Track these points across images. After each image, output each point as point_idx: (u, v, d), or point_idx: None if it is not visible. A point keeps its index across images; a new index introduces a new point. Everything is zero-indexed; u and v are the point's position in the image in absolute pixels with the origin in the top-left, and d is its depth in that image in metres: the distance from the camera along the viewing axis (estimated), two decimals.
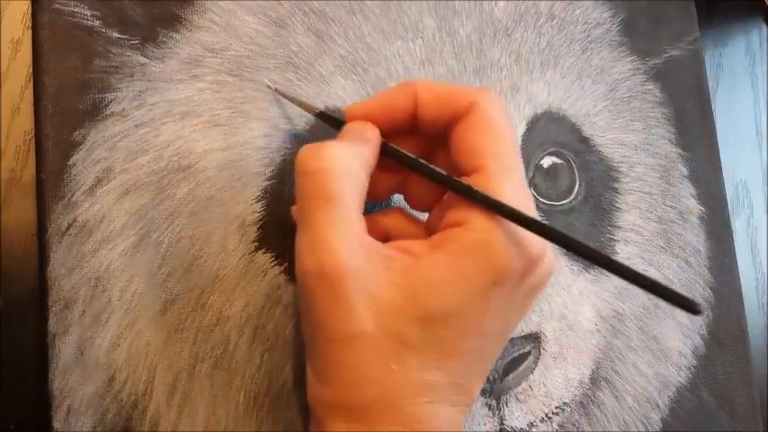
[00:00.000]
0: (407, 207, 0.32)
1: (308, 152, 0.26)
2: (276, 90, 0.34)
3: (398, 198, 0.35)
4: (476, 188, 0.26)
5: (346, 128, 0.29)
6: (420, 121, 0.28)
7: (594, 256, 0.25)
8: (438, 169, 0.27)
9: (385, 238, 0.30)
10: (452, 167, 0.27)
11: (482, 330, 0.26)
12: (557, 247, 0.26)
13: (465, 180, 0.27)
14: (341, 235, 0.25)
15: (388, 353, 0.25)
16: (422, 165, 0.28)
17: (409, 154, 0.28)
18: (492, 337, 0.26)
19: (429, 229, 0.30)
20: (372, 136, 0.28)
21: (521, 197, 0.26)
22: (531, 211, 0.26)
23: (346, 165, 0.26)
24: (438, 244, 0.26)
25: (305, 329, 0.27)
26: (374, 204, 0.34)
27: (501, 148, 0.27)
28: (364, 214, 0.27)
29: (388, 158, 0.28)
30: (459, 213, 0.26)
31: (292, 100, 0.33)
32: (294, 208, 0.32)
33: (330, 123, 0.31)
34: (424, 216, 0.31)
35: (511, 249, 0.25)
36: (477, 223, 0.25)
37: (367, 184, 0.27)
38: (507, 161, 0.27)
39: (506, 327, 0.27)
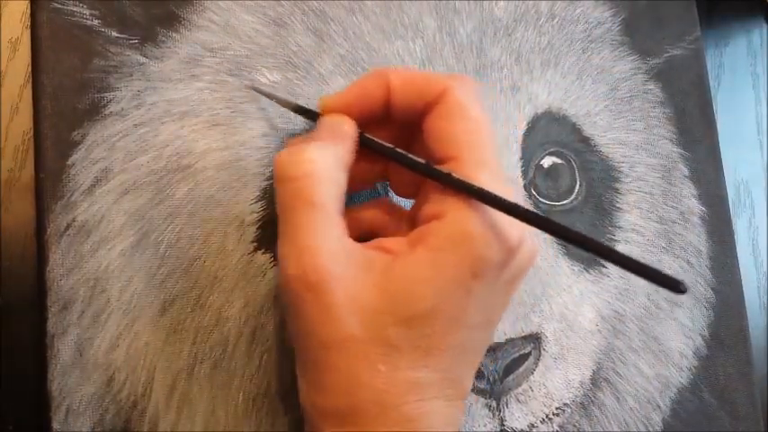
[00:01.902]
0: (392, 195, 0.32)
1: (286, 157, 0.26)
2: (253, 89, 0.34)
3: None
4: (455, 175, 0.25)
5: (322, 122, 0.28)
6: (393, 110, 0.28)
7: (572, 237, 0.25)
8: (415, 157, 0.27)
9: (365, 232, 0.30)
10: (429, 156, 0.27)
11: (466, 324, 0.26)
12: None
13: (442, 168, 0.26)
14: (323, 240, 0.25)
15: (375, 355, 0.24)
16: (398, 154, 0.27)
17: (385, 143, 0.28)
18: (477, 329, 0.26)
19: (412, 219, 0.30)
20: (349, 130, 0.28)
21: (497, 185, 0.25)
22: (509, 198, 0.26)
23: (325, 168, 0.26)
24: (416, 240, 0.26)
25: (291, 336, 0.27)
26: (360, 193, 0.34)
27: (473, 136, 0.26)
28: (345, 208, 0.27)
29: (366, 148, 0.28)
30: (436, 206, 0.26)
31: (269, 96, 0.33)
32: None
33: (307, 117, 0.31)
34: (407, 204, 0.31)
35: (489, 239, 0.25)
36: (454, 215, 0.25)
37: (345, 184, 0.27)
38: (480, 149, 0.26)
39: (490, 318, 0.27)
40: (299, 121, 0.34)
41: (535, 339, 0.36)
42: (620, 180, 0.38)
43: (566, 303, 0.36)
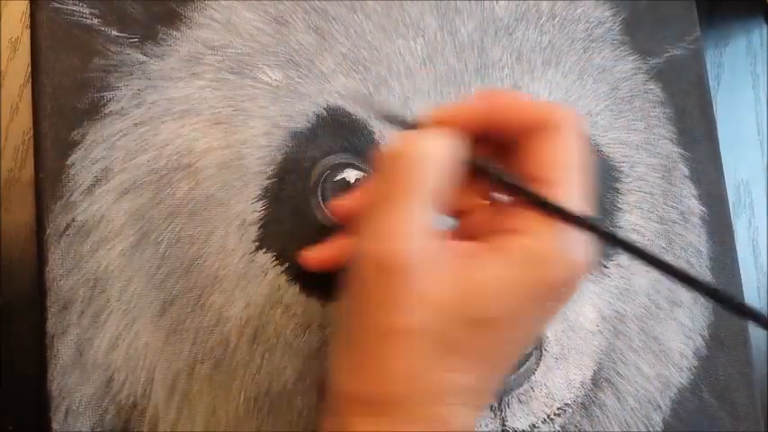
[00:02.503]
0: None
1: (405, 137, 0.26)
2: (375, 110, 0.33)
3: None
4: (569, 209, 0.25)
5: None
6: (494, 131, 0.28)
7: (666, 267, 0.24)
8: (534, 192, 0.26)
9: None
10: (520, 174, 0.27)
11: (519, 338, 0.26)
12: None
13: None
14: (409, 228, 0.24)
15: (431, 351, 0.24)
16: (515, 185, 0.27)
17: (496, 168, 0.27)
18: (522, 344, 0.27)
19: (465, 233, 0.29)
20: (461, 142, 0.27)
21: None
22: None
23: (437, 155, 0.25)
24: (496, 249, 0.25)
25: (343, 317, 0.26)
26: None
27: (570, 160, 0.26)
28: None
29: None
30: (519, 221, 0.26)
31: (388, 119, 0.30)
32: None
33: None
34: None
35: (565, 262, 0.25)
36: (539, 234, 0.25)
37: (451, 180, 0.26)
38: (575, 174, 0.26)
39: (534, 334, 0.27)
40: (301, 120, 0.34)
41: (536, 339, 0.36)
42: (620, 180, 0.38)
43: (566, 303, 0.36)
